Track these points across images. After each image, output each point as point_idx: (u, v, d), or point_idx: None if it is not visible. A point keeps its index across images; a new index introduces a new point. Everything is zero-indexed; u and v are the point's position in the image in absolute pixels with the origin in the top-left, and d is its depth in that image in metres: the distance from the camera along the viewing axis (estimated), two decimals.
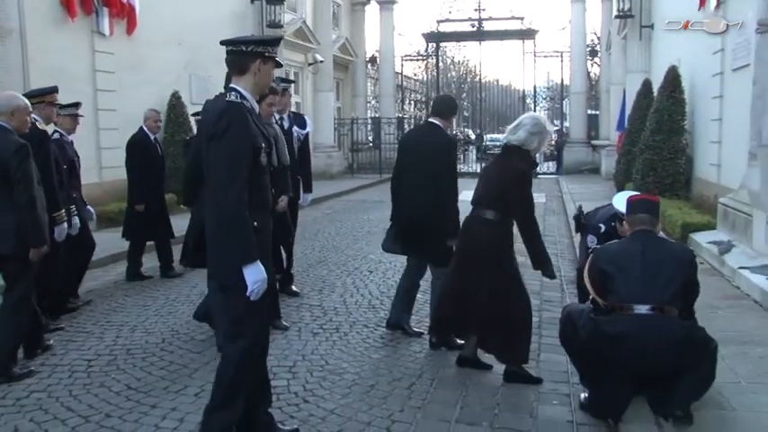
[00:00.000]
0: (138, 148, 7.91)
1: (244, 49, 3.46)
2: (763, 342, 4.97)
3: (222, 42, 3.52)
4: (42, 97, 5.89)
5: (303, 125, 6.93)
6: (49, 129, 6.00)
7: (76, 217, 6.18)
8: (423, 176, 5.34)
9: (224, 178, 3.26)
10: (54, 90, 6.08)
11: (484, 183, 4.88)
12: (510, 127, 4.84)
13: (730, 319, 5.59)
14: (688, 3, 12.02)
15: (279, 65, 3.62)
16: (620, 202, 5.02)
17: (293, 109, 19.07)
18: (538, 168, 24.85)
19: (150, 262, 8.25)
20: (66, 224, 5.67)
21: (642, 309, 3.75)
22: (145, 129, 8.03)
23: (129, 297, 7.07)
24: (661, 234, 4.60)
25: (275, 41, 3.58)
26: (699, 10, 11.45)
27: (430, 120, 5.56)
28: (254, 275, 3.26)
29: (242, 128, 3.31)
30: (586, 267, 4.22)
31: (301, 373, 4.82)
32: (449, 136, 5.64)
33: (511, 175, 4.67)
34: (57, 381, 4.73)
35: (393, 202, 5.72)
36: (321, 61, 20.86)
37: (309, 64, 20.98)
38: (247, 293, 3.27)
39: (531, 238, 4.74)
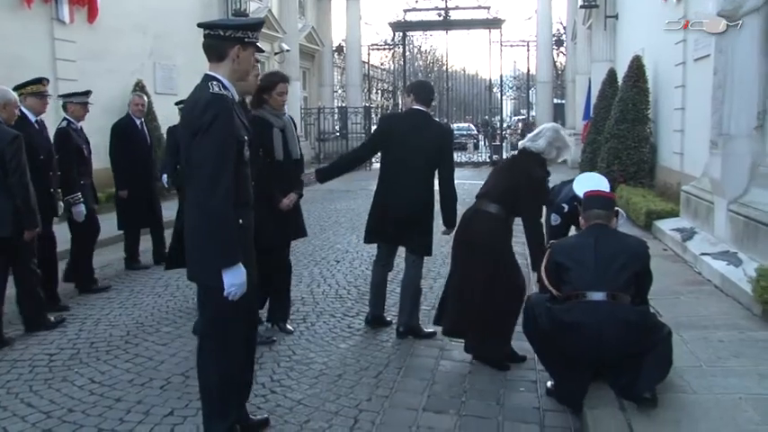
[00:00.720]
0: (121, 132, 7.85)
1: (222, 33, 3.26)
2: (723, 326, 5.06)
3: (199, 25, 3.33)
4: (28, 87, 6.05)
5: None
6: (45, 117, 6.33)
7: (82, 204, 6.58)
8: (420, 169, 5.20)
9: (210, 174, 3.07)
10: (37, 81, 6.14)
11: (495, 178, 4.90)
12: (530, 135, 4.90)
13: (692, 305, 5.68)
14: None
15: (260, 50, 3.46)
16: (580, 186, 5.16)
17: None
18: (504, 157, 25.09)
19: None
20: (82, 205, 6.56)
21: (596, 296, 3.82)
22: (130, 113, 7.99)
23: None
24: (623, 223, 4.67)
25: (256, 26, 3.38)
26: (664, 2, 11.60)
27: (417, 107, 5.27)
28: (234, 278, 3.13)
29: (228, 121, 3.14)
30: (543, 263, 4.28)
31: (268, 364, 4.79)
32: (446, 126, 5.63)
33: (528, 179, 4.68)
34: (16, 376, 4.62)
35: (383, 191, 5.39)
36: (287, 50, 20.67)
37: (275, 53, 20.78)
38: (224, 294, 3.15)
39: (535, 241, 4.77)
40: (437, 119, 28.38)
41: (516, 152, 4.94)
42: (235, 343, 3.39)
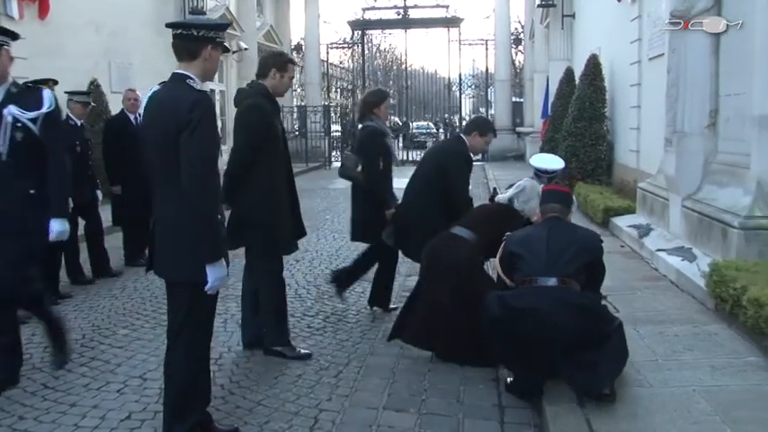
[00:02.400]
0: (116, 128, 7.83)
1: (195, 33, 3.30)
2: (678, 321, 5.15)
3: (169, 25, 3.36)
4: None
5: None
6: None
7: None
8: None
9: (201, 171, 3.15)
10: (45, 81, 6.08)
11: (477, 216, 5.06)
12: (516, 192, 5.22)
13: (649, 300, 5.77)
14: None
15: (226, 50, 3.52)
16: (536, 161, 5.49)
17: (218, 98, 18.39)
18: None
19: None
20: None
21: (546, 281, 3.91)
22: (124, 109, 7.95)
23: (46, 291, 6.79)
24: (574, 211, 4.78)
25: (225, 27, 3.51)
26: (618, 1, 11.77)
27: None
28: (218, 273, 3.22)
29: (213, 118, 3.23)
30: (499, 253, 4.36)
31: (227, 365, 4.74)
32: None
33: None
34: None
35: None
36: (245, 49, 20.47)
37: (233, 52, 20.55)
38: (206, 288, 3.21)
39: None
40: (396, 118, 28.21)
41: (501, 204, 5.28)
42: (207, 341, 3.46)
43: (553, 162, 5.57)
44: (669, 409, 3.69)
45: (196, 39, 3.30)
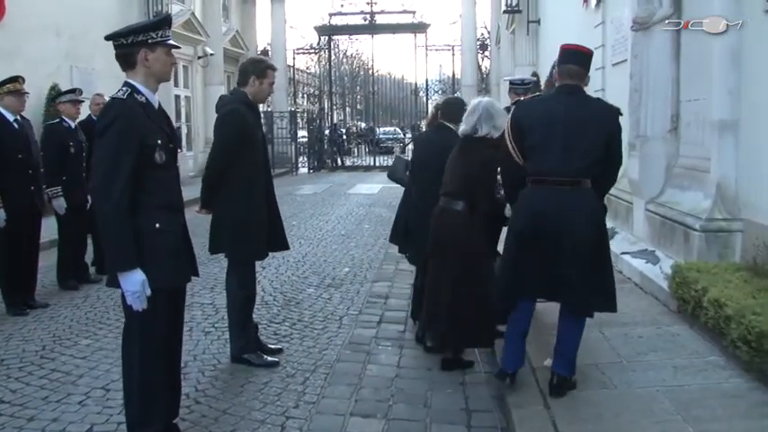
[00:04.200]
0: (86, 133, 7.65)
1: (124, 41, 3.22)
2: (642, 323, 5.22)
3: (106, 38, 3.29)
4: (4, 87, 6.20)
5: None
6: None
7: (61, 198, 6.91)
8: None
9: (104, 178, 3.09)
10: (13, 79, 6.28)
11: (450, 173, 4.66)
12: (467, 118, 4.60)
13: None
14: (570, 1, 12.47)
15: (173, 46, 3.37)
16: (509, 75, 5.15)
17: (183, 103, 18.31)
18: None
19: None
20: (62, 199, 6.90)
21: (554, 180, 3.85)
22: (91, 114, 7.88)
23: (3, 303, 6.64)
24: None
25: (159, 24, 3.31)
26: (583, 6, 11.91)
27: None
28: (129, 284, 3.11)
29: (125, 124, 3.11)
30: (507, 124, 4.15)
31: (192, 374, 4.67)
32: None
33: (482, 166, 4.48)
34: None
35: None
36: (211, 54, 20.33)
37: (199, 57, 20.42)
38: (128, 303, 3.15)
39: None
40: (362, 123, 28.27)
41: (461, 140, 4.70)
42: (156, 346, 3.32)
43: (527, 73, 5.48)
44: (633, 409, 3.74)
45: (127, 46, 3.23)
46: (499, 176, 4.47)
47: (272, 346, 5.14)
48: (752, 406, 3.75)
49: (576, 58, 4.09)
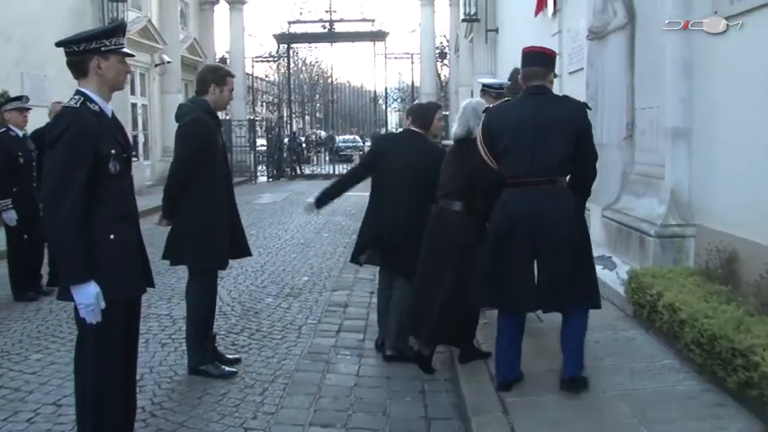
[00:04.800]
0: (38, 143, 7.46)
1: (76, 48, 3.14)
2: (600, 328, 5.25)
3: (57, 44, 3.22)
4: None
5: None
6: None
7: (11, 210, 6.79)
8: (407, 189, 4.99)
9: (56, 189, 3.00)
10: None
11: (447, 174, 4.66)
12: (457, 123, 4.67)
13: None
14: (527, 10, 12.64)
15: (127, 55, 3.29)
16: (482, 78, 5.12)
17: (140, 112, 18.10)
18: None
19: None
20: (12, 211, 6.80)
21: (527, 181, 3.88)
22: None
23: None
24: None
25: (111, 32, 3.23)
26: (536, 16, 12.08)
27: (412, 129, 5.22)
28: (82, 297, 3.03)
29: (78, 134, 3.03)
30: (479, 130, 4.20)
31: (148, 387, 4.57)
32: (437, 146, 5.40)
33: (476, 166, 4.43)
34: None
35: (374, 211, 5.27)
36: (168, 62, 20.11)
37: (156, 65, 20.19)
38: (81, 316, 3.07)
39: None
40: (322, 131, 28.33)
41: (452, 144, 4.77)
42: (110, 359, 3.23)
43: (496, 79, 5.49)
44: (591, 413, 3.77)
45: (79, 54, 3.16)
46: None
47: (230, 357, 5.08)
48: (704, 407, 3.81)
49: (537, 59, 4.17)
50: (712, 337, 3.97)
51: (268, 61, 27.72)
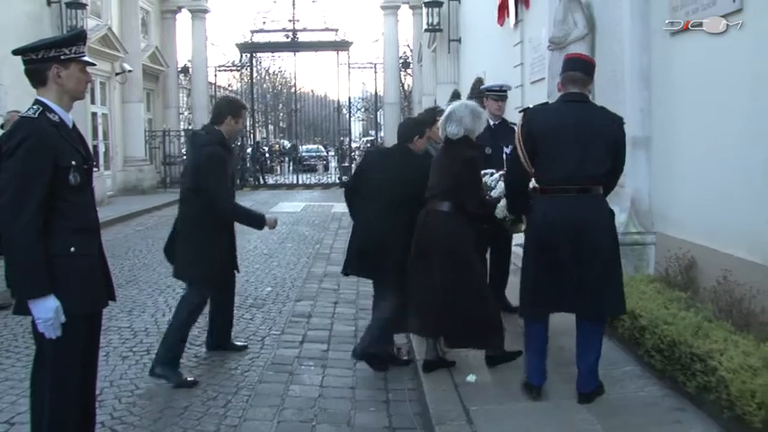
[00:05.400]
0: None
1: (34, 56, 3.07)
2: (564, 334, 5.27)
3: (13, 52, 3.14)
4: None
5: None
6: None
7: None
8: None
9: (13, 201, 2.92)
10: None
11: (436, 176, 4.65)
12: (445, 122, 4.60)
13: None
14: (489, 20, 12.78)
15: (88, 63, 3.23)
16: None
17: (100, 121, 17.79)
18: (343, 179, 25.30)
19: None
20: None
21: (567, 188, 3.90)
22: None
23: None
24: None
25: (72, 40, 3.17)
26: (497, 26, 12.21)
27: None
28: (40, 311, 2.96)
29: (36, 144, 2.96)
30: (518, 130, 4.15)
31: (108, 401, 4.48)
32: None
33: (463, 164, 4.50)
34: None
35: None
36: (129, 71, 19.85)
37: (117, 73, 19.90)
38: (40, 330, 2.99)
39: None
40: (285, 141, 28.19)
41: (442, 143, 4.74)
42: (70, 374, 3.16)
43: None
44: (555, 420, 3.80)
45: (38, 62, 3.09)
46: (484, 179, 4.57)
47: (239, 344, 5.61)
48: (665, 412, 3.87)
49: (579, 65, 4.12)
50: (672, 343, 4.04)
51: (231, 70, 27.52)
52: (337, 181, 25.35)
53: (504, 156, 5.57)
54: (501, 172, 4.61)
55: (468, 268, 4.56)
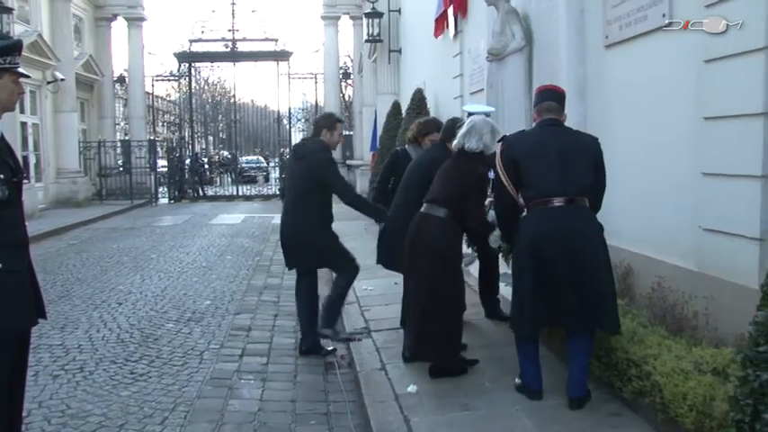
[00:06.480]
0: None
1: None
2: (504, 344, 5.32)
3: None
4: None
5: None
6: None
7: None
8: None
9: None
10: None
11: (441, 183, 4.71)
12: (463, 133, 4.68)
13: (477, 327, 5.93)
14: (429, 31, 12.90)
15: (21, 75, 3.12)
16: (469, 107, 5.46)
17: (30, 131, 17.39)
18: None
19: None
20: None
21: (555, 201, 3.97)
22: None
23: None
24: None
25: (6, 50, 3.08)
26: (436, 38, 12.32)
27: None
28: None
29: None
30: (498, 158, 4.27)
31: (36, 423, 4.30)
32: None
33: (474, 180, 4.58)
34: None
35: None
36: (62, 79, 19.28)
37: (48, 82, 19.33)
38: None
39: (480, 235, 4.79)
40: (226, 152, 27.87)
41: (456, 154, 4.78)
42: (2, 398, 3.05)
43: (484, 106, 5.55)
44: (495, 428, 3.83)
45: None
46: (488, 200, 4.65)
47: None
48: (603, 417, 3.92)
49: (552, 95, 4.35)
50: (609, 349, 4.10)
51: (169, 80, 27.08)
52: (278, 192, 25.16)
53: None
54: (490, 199, 4.69)
55: (454, 277, 4.64)
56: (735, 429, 2.38)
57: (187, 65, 25.99)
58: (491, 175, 4.51)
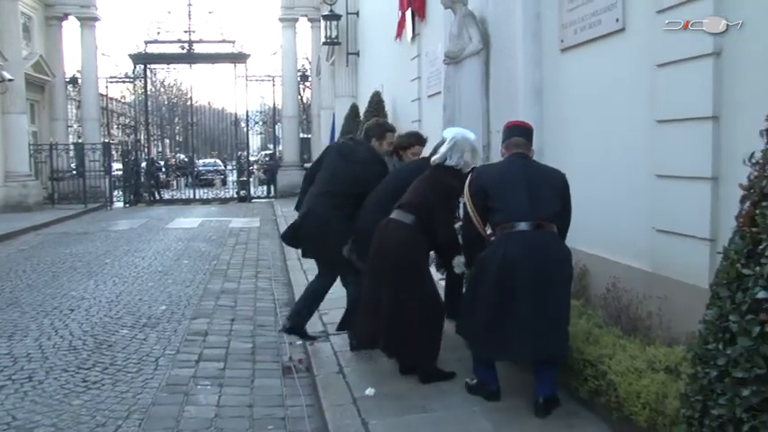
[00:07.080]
0: None
1: None
2: (461, 347, 5.31)
3: None
4: None
5: None
6: None
7: None
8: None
9: None
10: None
11: (413, 192, 4.74)
12: (442, 148, 4.73)
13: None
14: (387, 34, 12.92)
15: None
16: (449, 132, 5.17)
17: None
18: (252, 192, 25.00)
19: None
20: None
21: (524, 225, 4.01)
22: None
23: None
24: None
25: None
26: (395, 40, 12.35)
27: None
28: None
29: None
30: (467, 189, 4.36)
31: None
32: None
33: (446, 195, 4.64)
34: None
35: None
36: (10, 79, 18.76)
37: None
38: None
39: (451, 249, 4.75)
40: (183, 155, 27.60)
41: (433, 167, 4.78)
42: None
43: (466, 132, 5.56)
44: (453, 429, 3.83)
45: None
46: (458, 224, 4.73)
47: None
48: (560, 417, 3.94)
49: (520, 132, 4.48)
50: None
51: (123, 82, 26.65)
52: (235, 195, 24.94)
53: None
54: (459, 223, 4.72)
55: (421, 281, 4.63)
56: (685, 425, 2.40)
57: (142, 66, 25.60)
58: (462, 199, 4.57)
